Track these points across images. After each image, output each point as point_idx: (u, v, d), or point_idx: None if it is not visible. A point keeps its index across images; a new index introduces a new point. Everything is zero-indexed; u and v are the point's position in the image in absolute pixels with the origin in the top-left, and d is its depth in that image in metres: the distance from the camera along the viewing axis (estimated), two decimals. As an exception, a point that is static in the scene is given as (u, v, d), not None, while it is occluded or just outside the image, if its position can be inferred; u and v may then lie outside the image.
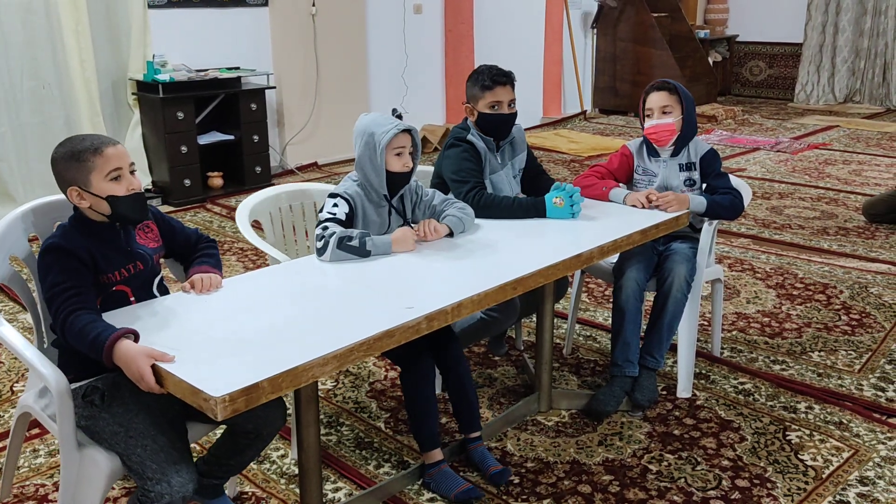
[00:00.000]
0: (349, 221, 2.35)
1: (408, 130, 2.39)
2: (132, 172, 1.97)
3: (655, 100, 2.88)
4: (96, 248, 1.91)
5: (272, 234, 2.70)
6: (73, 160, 1.91)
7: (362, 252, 2.25)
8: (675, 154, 2.92)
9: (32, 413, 2.08)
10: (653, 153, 2.95)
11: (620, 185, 2.94)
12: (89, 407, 1.89)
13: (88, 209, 1.94)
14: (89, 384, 1.92)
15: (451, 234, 2.45)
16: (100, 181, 1.91)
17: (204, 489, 2.16)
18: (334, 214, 2.33)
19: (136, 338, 1.74)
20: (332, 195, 2.38)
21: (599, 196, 2.85)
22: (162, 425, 1.86)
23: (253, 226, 2.59)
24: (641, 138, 2.98)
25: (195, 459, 2.19)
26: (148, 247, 2.05)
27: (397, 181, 2.41)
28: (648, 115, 2.89)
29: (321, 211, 2.38)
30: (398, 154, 2.37)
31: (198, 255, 2.16)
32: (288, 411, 2.16)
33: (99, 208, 1.93)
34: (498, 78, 2.74)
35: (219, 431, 2.17)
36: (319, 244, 2.26)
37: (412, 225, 2.46)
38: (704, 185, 2.95)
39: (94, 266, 1.89)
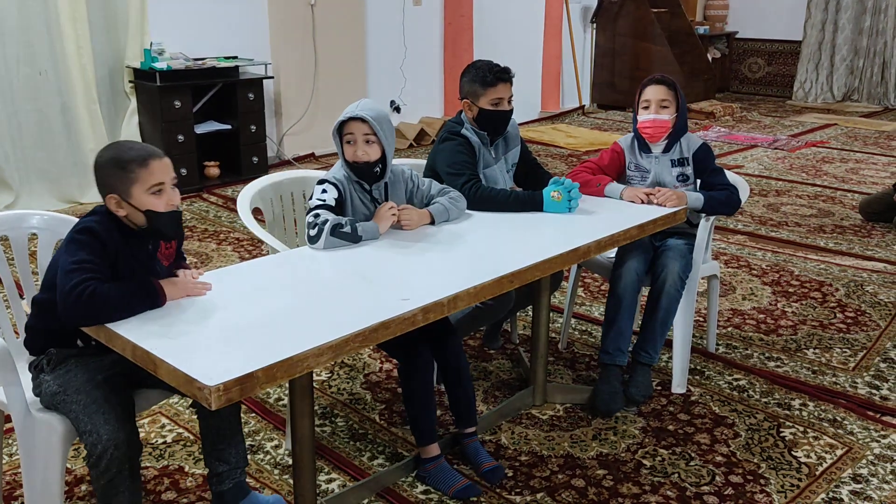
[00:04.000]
0: (339, 207, 2.34)
1: (360, 118, 2.31)
2: (174, 186, 1.94)
3: (654, 93, 2.86)
4: (121, 254, 1.88)
5: (272, 220, 2.69)
6: (117, 168, 1.87)
7: (354, 238, 2.25)
8: (666, 150, 2.91)
9: None
10: (645, 149, 2.93)
11: (613, 180, 2.94)
12: (38, 374, 1.94)
13: (124, 217, 1.91)
14: (43, 355, 1.97)
15: (432, 222, 2.44)
16: (141, 194, 1.88)
17: (227, 493, 2.12)
18: (324, 201, 2.31)
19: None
20: (321, 181, 2.37)
21: (594, 192, 2.84)
22: (96, 381, 1.89)
23: (253, 213, 2.58)
24: (633, 134, 2.97)
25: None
26: (162, 264, 2.03)
27: (361, 170, 2.37)
28: (645, 107, 2.88)
29: (310, 198, 2.37)
30: (348, 142, 2.35)
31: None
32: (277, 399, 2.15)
33: (135, 219, 1.91)
34: (501, 75, 2.73)
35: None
36: (312, 232, 2.25)
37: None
38: (699, 182, 2.94)
39: (112, 268, 1.86)
